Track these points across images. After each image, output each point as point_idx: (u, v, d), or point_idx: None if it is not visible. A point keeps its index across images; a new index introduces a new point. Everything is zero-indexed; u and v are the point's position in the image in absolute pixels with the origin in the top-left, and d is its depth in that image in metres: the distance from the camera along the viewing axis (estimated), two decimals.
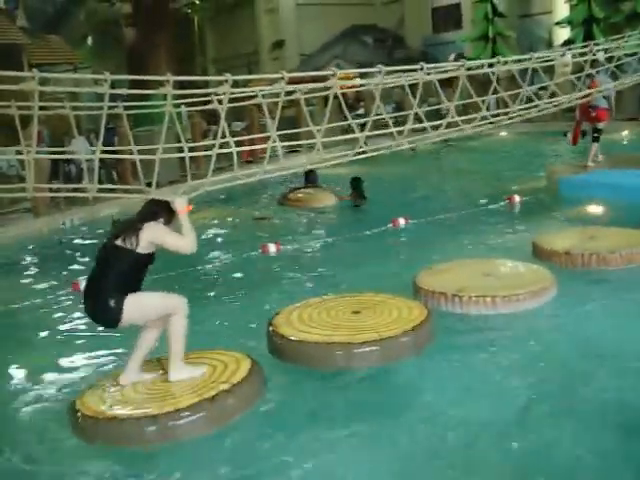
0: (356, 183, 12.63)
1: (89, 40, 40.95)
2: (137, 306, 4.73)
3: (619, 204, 9.87)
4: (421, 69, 7.11)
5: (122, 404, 4.64)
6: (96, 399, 4.76)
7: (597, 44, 9.98)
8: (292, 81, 6.28)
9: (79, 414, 4.60)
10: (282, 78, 5.90)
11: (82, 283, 8.38)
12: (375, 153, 6.99)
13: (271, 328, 5.80)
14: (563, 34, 31.52)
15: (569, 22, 31.01)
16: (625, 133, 19.88)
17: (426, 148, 14.06)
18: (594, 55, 9.10)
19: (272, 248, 9.46)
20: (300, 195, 13.44)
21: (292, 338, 5.56)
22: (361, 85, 7.44)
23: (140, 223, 4.79)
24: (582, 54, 9.39)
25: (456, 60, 35.99)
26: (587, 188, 10.99)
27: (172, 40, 34.27)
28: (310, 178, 13.70)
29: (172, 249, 4.84)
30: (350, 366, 5.30)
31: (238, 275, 8.79)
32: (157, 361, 5.25)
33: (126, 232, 4.76)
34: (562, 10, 31.64)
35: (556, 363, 5.36)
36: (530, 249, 8.03)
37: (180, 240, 4.83)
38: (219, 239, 11.22)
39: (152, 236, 4.76)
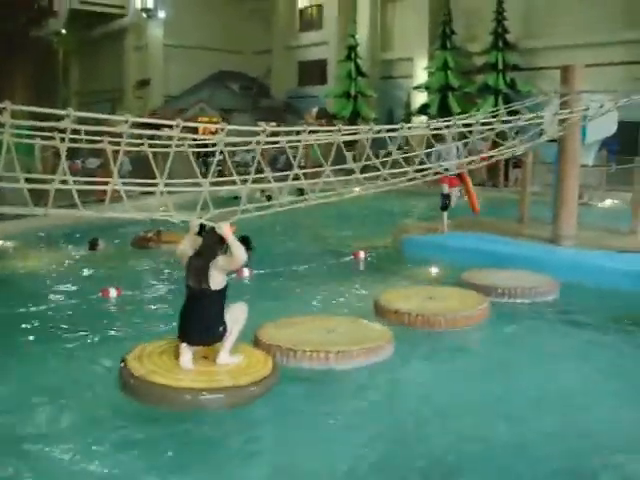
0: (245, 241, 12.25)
1: None
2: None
3: (456, 265, 10.24)
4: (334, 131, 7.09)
5: None
6: None
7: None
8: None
9: None
10: (126, 122, 5.80)
11: None
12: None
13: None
14: (421, 98, 33.12)
15: (427, 88, 32.68)
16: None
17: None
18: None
19: (113, 293, 9.13)
20: (170, 235, 12.05)
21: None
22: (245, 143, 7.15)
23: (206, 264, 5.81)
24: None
25: (319, 113, 36.44)
26: (429, 249, 11.40)
27: (32, 68, 33.18)
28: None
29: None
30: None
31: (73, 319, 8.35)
32: None
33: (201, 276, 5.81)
34: (421, 76, 33.27)
35: (378, 420, 5.49)
36: (371, 307, 8.22)
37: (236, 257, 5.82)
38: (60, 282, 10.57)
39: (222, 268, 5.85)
